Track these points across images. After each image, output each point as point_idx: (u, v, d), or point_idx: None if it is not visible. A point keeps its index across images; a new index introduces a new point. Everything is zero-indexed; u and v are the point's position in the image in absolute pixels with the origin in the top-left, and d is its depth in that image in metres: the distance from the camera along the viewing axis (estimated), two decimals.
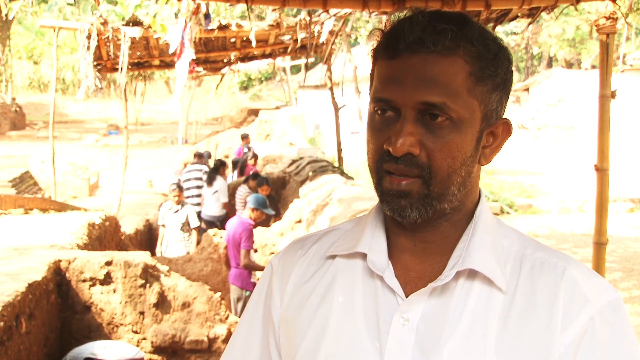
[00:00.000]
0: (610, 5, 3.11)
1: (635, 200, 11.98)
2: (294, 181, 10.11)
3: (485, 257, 0.88)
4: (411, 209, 0.87)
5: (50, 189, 9.94)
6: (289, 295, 0.99)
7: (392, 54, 0.87)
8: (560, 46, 30.78)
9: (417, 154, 0.85)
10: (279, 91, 33.30)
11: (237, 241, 5.96)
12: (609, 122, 3.13)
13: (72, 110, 33.75)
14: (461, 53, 0.85)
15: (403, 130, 0.85)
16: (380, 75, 0.89)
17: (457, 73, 0.85)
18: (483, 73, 0.87)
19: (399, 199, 0.87)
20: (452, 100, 0.85)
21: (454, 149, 0.86)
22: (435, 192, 0.87)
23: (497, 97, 0.90)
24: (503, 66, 0.89)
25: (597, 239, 3.20)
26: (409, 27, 0.85)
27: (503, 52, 0.90)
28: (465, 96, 0.86)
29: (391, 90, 0.86)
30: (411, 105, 0.85)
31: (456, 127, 0.86)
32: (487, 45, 0.88)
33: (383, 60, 0.89)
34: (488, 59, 0.87)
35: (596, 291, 0.87)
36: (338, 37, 8.82)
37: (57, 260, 4.51)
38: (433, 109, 0.85)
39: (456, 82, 0.85)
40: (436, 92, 0.84)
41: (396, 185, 0.87)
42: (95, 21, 7.63)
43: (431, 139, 0.85)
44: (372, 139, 0.90)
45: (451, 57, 0.85)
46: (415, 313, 0.87)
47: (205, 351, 4.73)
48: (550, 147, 21.41)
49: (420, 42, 0.84)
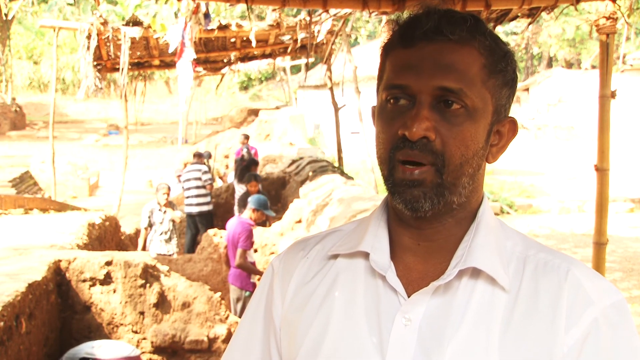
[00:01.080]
0: (610, 5, 3.11)
1: (635, 200, 11.98)
2: (294, 181, 10.11)
3: (488, 256, 0.88)
4: (424, 199, 0.87)
5: (50, 189, 9.95)
6: (291, 296, 0.98)
7: (408, 43, 0.88)
8: (560, 46, 30.79)
9: (432, 139, 0.85)
10: (279, 91, 33.29)
11: (236, 241, 5.96)
12: (609, 122, 3.13)
13: (72, 110, 33.74)
14: (476, 44, 0.87)
15: (419, 114, 0.85)
16: (395, 63, 0.90)
17: (473, 63, 0.87)
18: (495, 67, 0.89)
19: (412, 188, 0.87)
20: (468, 87, 0.86)
21: (467, 138, 0.87)
22: (448, 181, 0.87)
23: (507, 93, 0.91)
24: (511, 65, 0.92)
25: (597, 239, 3.20)
26: (426, 17, 0.87)
27: (510, 52, 0.92)
28: (480, 86, 0.87)
29: (407, 76, 0.87)
30: (428, 91, 0.86)
31: (470, 116, 0.86)
32: (498, 42, 0.90)
33: (398, 49, 0.90)
34: (500, 54, 0.90)
35: (600, 292, 0.87)
36: (338, 37, 8.82)
37: (57, 260, 4.51)
38: (449, 95, 0.85)
39: (471, 72, 0.87)
40: (453, 78, 0.85)
41: (409, 175, 0.86)
42: (95, 21, 7.63)
43: (446, 126, 0.86)
44: (384, 129, 0.90)
45: (467, 47, 0.87)
46: (417, 313, 0.87)
47: (205, 351, 4.73)
48: (550, 147, 21.41)
49: (438, 30, 0.86)
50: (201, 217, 9.23)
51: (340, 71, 10.62)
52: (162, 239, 7.71)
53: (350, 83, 9.89)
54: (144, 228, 7.80)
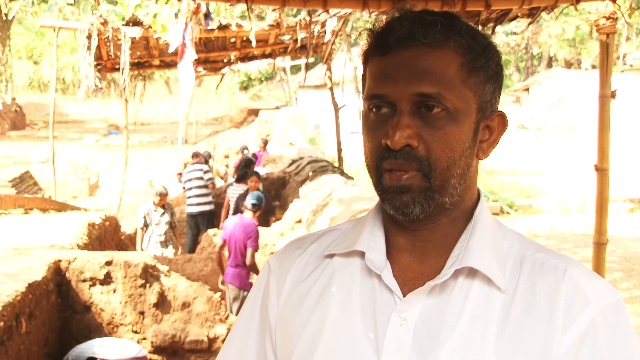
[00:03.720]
0: (610, 5, 3.11)
1: (635, 200, 11.97)
2: (294, 181, 10.11)
3: (484, 256, 0.88)
4: (414, 205, 0.86)
5: (50, 189, 9.95)
6: (286, 295, 0.98)
7: (383, 51, 0.87)
8: (560, 46, 30.78)
9: (415, 146, 0.85)
10: (279, 91, 33.30)
11: (244, 241, 5.96)
12: (609, 122, 3.14)
13: (72, 110, 33.74)
14: (452, 45, 0.86)
15: (400, 123, 0.85)
16: (373, 72, 0.90)
17: (449, 64, 0.86)
18: (475, 64, 0.88)
19: (400, 194, 0.86)
20: (447, 90, 0.85)
21: (451, 140, 0.86)
22: (436, 184, 0.86)
23: (491, 89, 0.90)
24: (493, 58, 0.90)
25: (597, 239, 3.20)
26: (398, 22, 0.86)
27: (491, 45, 0.90)
28: (459, 87, 0.86)
29: (385, 85, 0.87)
30: (406, 98, 0.85)
31: (453, 118, 0.86)
32: (476, 38, 0.89)
33: (374, 58, 0.90)
34: (478, 50, 0.88)
35: (598, 293, 0.87)
36: (338, 37, 8.82)
37: (57, 260, 4.51)
38: (428, 99, 0.85)
39: (449, 73, 0.86)
40: (430, 83, 0.85)
41: (396, 182, 0.86)
42: (95, 21, 7.64)
43: (428, 131, 0.85)
44: (368, 138, 0.90)
45: (442, 48, 0.86)
46: (413, 313, 0.87)
47: (205, 351, 4.73)
48: (550, 147, 21.40)
49: (410, 35, 0.85)
50: (202, 217, 9.23)
51: (340, 71, 10.63)
52: (158, 240, 7.68)
53: (350, 83, 9.91)
54: (140, 228, 7.81)
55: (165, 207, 7.75)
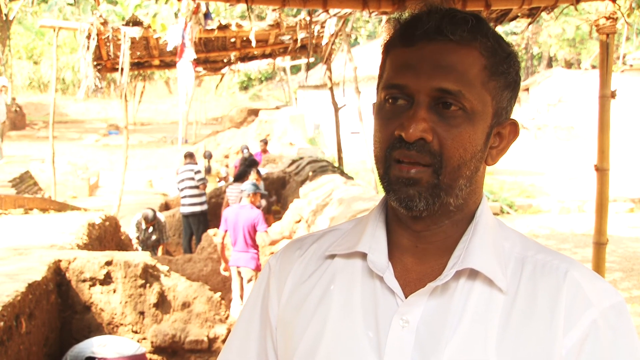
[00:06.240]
0: (610, 5, 3.10)
1: (635, 200, 11.97)
2: (294, 181, 10.11)
3: (485, 257, 0.88)
4: (419, 199, 0.86)
5: (50, 189, 9.93)
6: (287, 296, 0.97)
7: (409, 42, 0.87)
8: (560, 46, 30.76)
9: (429, 140, 0.84)
10: (279, 91, 33.30)
11: (253, 226, 6.28)
12: (609, 122, 3.13)
13: (72, 110, 33.72)
14: (478, 45, 0.86)
15: (417, 115, 0.84)
16: (394, 63, 0.89)
17: (473, 64, 0.86)
18: (497, 69, 0.87)
19: (407, 187, 0.86)
20: (467, 89, 0.85)
21: (465, 140, 0.85)
22: (444, 182, 0.86)
23: (508, 96, 0.90)
24: (514, 67, 0.90)
25: (597, 239, 3.20)
26: (427, 16, 0.86)
27: (514, 54, 0.90)
28: (479, 88, 0.86)
29: (405, 76, 0.86)
30: (426, 92, 0.85)
31: (469, 118, 0.85)
32: (501, 43, 0.89)
33: (398, 48, 0.89)
34: (502, 56, 0.88)
35: (599, 294, 0.87)
36: (338, 37, 8.82)
37: (57, 260, 4.51)
38: (447, 96, 0.84)
39: (472, 73, 0.85)
40: (452, 80, 0.84)
41: (405, 173, 0.86)
42: (95, 21, 7.63)
43: (444, 127, 0.85)
44: (381, 128, 0.89)
45: (468, 47, 0.86)
46: (414, 314, 0.86)
47: (205, 351, 4.73)
48: (550, 147, 21.39)
49: (438, 30, 0.85)
50: (194, 218, 9.23)
51: (340, 71, 10.63)
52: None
53: (350, 83, 9.90)
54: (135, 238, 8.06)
55: (155, 227, 7.95)
